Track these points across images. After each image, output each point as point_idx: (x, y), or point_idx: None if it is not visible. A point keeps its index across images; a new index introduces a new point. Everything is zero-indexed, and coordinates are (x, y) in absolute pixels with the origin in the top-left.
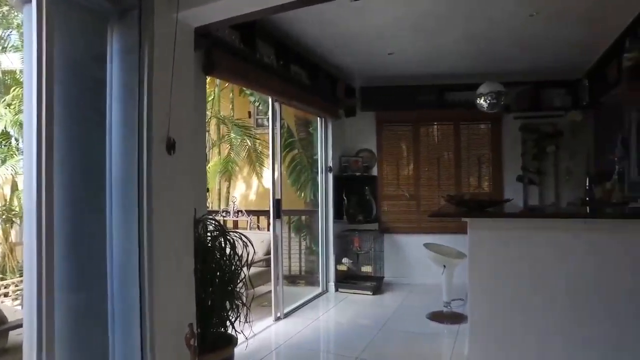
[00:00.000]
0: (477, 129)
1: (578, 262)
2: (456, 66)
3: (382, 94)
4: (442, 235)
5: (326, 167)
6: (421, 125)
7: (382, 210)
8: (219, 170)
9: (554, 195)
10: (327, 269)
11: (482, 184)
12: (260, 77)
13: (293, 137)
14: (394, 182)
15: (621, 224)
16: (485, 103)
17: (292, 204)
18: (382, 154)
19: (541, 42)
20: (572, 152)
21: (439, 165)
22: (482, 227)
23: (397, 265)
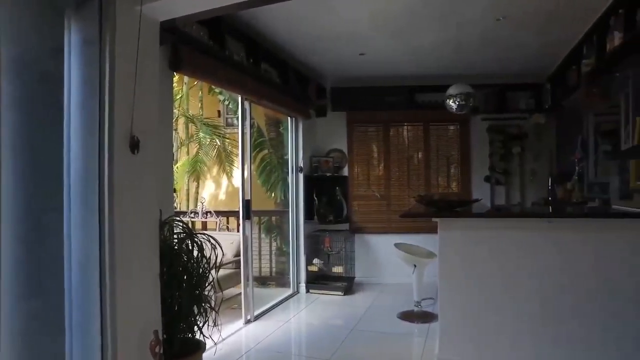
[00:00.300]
0: (446, 130)
1: (544, 261)
2: (426, 68)
3: (353, 95)
4: (413, 235)
5: (297, 167)
6: (391, 126)
7: (352, 210)
8: (187, 170)
9: (519, 195)
10: (298, 270)
11: (451, 184)
12: (229, 75)
13: (263, 137)
14: (365, 182)
15: (583, 223)
16: (455, 104)
17: (263, 204)
18: (353, 154)
19: (508, 46)
20: (536, 154)
21: (409, 165)
22: (452, 227)
23: (368, 265)
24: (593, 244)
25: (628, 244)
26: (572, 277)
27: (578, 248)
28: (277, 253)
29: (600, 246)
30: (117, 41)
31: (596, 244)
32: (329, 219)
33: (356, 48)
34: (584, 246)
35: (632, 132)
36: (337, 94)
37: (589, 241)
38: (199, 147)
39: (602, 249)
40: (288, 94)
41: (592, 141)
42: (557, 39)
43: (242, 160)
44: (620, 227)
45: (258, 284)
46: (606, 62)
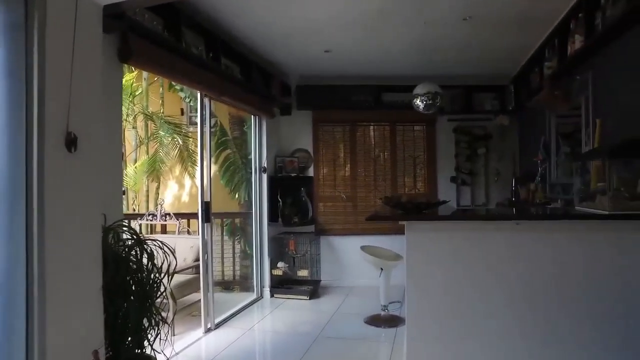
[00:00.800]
0: (412, 130)
1: (513, 263)
2: (393, 67)
3: (319, 93)
4: (379, 236)
5: (260, 168)
6: (358, 126)
7: (318, 211)
8: (146, 170)
9: (484, 195)
10: (262, 274)
11: (417, 184)
12: (187, 69)
13: (226, 136)
14: (331, 183)
15: (549, 225)
16: (422, 103)
17: (226, 205)
18: (319, 155)
19: (474, 46)
20: (500, 154)
21: (375, 166)
22: (420, 229)
23: (334, 268)
24: (558, 245)
25: (591, 244)
26: (542, 279)
27: (545, 249)
28: (241, 256)
29: (566, 247)
30: (49, 25)
31: (561, 245)
32: (293, 221)
33: (321, 45)
34: (550, 247)
35: (592, 134)
36: (302, 93)
37: (555, 242)
38: (159, 146)
39: (567, 250)
40: (251, 91)
41: (554, 143)
42: (522, 41)
43: (202, 159)
44: (584, 229)
45: (222, 288)
46: (567, 65)
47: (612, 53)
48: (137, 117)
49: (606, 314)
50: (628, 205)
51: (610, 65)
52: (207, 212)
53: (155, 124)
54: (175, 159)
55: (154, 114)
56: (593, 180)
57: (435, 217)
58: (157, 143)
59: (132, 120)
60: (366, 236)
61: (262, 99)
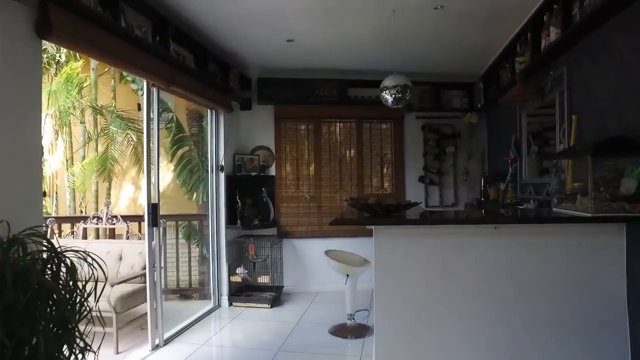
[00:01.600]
0: (380, 128)
1: (488, 270)
2: (360, 60)
3: (281, 87)
4: (345, 239)
5: (217, 166)
6: (323, 122)
7: (280, 213)
8: (95, 168)
9: (453, 195)
10: (220, 281)
11: (385, 184)
12: (127, 52)
13: (184, 132)
14: (294, 182)
15: (528, 228)
16: (390, 97)
17: (183, 206)
18: (281, 152)
19: (444, 38)
20: (469, 153)
21: (341, 164)
22: (389, 234)
23: (298, 273)
24: (538, 250)
25: (572, 248)
26: (520, 286)
27: (525, 254)
28: (199, 261)
29: (546, 252)
30: None
31: (541, 250)
32: (254, 223)
33: (283, 33)
34: (530, 252)
35: (567, 132)
36: (263, 86)
37: (535, 247)
38: (109, 143)
39: (547, 255)
40: (207, 83)
41: (525, 141)
42: (493, 35)
43: (148, 157)
44: (565, 232)
45: (178, 297)
46: (541, 59)
47: (589, 46)
48: (85, 111)
49: (589, 322)
50: (611, 207)
51: (587, 59)
52: (154, 215)
53: (105, 118)
54: (131, 157)
55: (104, 107)
56: (569, 180)
57: (407, 221)
58: (108, 139)
59: (80, 114)
60: (331, 239)
61: (220, 91)
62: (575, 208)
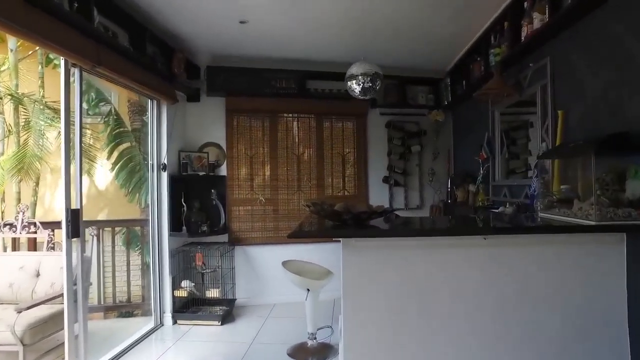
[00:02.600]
0: (341, 124)
1: (477, 287)
2: (320, 50)
3: (234, 77)
4: (304, 245)
5: (159, 165)
6: (279, 117)
7: (232, 218)
8: (14, 166)
9: (418, 197)
10: (162, 297)
11: (346, 185)
12: (38, 21)
13: (124, 127)
14: (247, 183)
15: (522, 239)
16: (358, 86)
17: (123, 210)
18: (233, 150)
19: (414, 28)
20: (434, 153)
21: (299, 164)
22: (361, 247)
23: (252, 284)
24: (531, 261)
25: (572, 261)
26: (510, 302)
27: (515, 266)
28: (142, 272)
29: (538, 264)
30: None
31: (535, 263)
32: (202, 229)
33: (235, 12)
34: (521, 264)
35: (551, 128)
36: (214, 75)
37: (527, 258)
38: (29, 137)
39: (540, 267)
40: (146, 67)
41: (499, 140)
42: (465, 23)
43: (67, 153)
44: (562, 242)
45: (115, 314)
46: (521, 50)
47: (580, 34)
48: (3, 100)
49: (588, 340)
50: (616, 214)
51: (576, 48)
52: (74, 224)
53: (25, 108)
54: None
55: (26, 96)
56: (555, 182)
57: (384, 232)
58: (29, 133)
59: None
60: (289, 246)
61: (162, 78)
62: (573, 214)
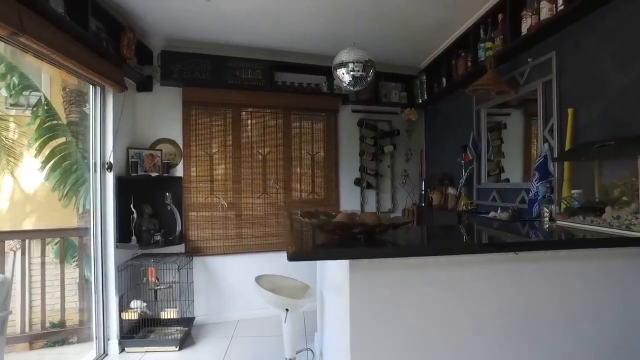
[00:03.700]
0: (311, 121)
1: (504, 305)
2: (292, 40)
3: (193, 64)
4: (272, 253)
5: (103, 164)
6: (244, 112)
7: (189, 225)
8: None
9: (390, 200)
10: (106, 320)
11: (316, 188)
12: None
13: (57, 119)
14: (207, 186)
15: (555, 254)
16: (348, 76)
17: (57, 216)
18: (191, 148)
19: (394, 16)
20: (407, 154)
21: (265, 164)
22: (373, 268)
23: (213, 299)
24: (559, 278)
25: (617, 280)
26: (537, 327)
27: (542, 284)
28: (80, 289)
29: (566, 281)
30: None
31: (562, 277)
32: (155, 239)
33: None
34: (549, 281)
35: (557, 127)
36: (169, 61)
37: (556, 275)
38: None
39: (567, 284)
40: (87, 45)
41: (485, 141)
42: (451, 13)
43: None
44: (603, 256)
45: (45, 343)
46: (522, 44)
47: (596, 25)
48: None
49: None
50: None
51: (592, 41)
52: None
53: None
54: None
55: None
56: (565, 187)
57: (408, 251)
58: None
59: None
60: (254, 255)
61: (107, 61)
62: (606, 224)
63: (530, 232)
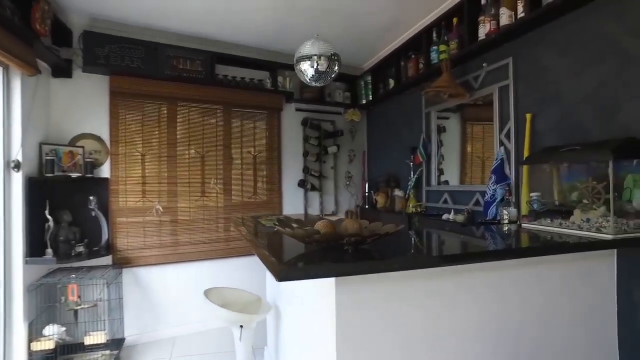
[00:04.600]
0: (253, 119)
1: (503, 314)
2: (235, 30)
3: (122, 49)
4: (212, 261)
5: (7, 162)
6: (182, 107)
7: (117, 233)
8: None
9: (334, 202)
10: (8, 355)
11: (259, 190)
12: None
13: None
14: (138, 188)
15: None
16: (312, 69)
17: None
18: (119, 145)
19: (342, 12)
20: (350, 155)
21: (204, 164)
22: (362, 282)
23: (145, 315)
24: (545, 283)
25: (568, 276)
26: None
27: (526, 288)
28: None
29: (541, 283)
30: None
31: (539, 280)
32: (77, 251)
33: None
34: (531, 285)
35: (514, 131)
36: (93, 44)
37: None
38: None
39: (553, 288)
40: None
41: (436, 143)
42: (403, 15)
43: None
44: (565, 259)
45: None
46: (480, 48)
47: (555, 34)
48: None
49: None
50: (629, 227)
51: (551, 49)
52: None
53: None
54: None
55: None
56: (524, 190)
57: (402, 263)
58: None
59: None
60: (191, 264)
61: (12, 34)
62: (576, 226)
63: (509, 238)
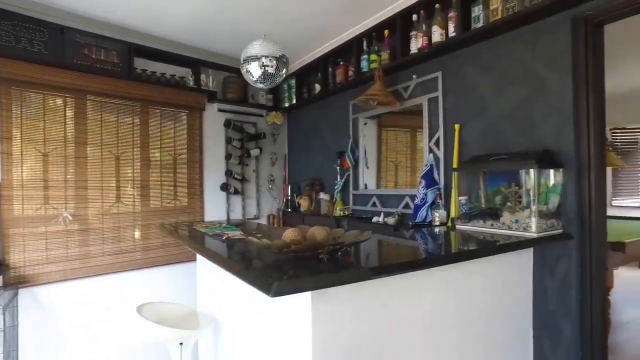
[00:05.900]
0: (173, 118)
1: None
2: (158, 21)
3: (20, 30)
4: (129, 272)
5: None
6: (93, 102)
7: (11, 246)
8: None
9: (256, 206)
10: None
11: (179, 194)
12: None
13: None
14: (39, 193)
15: None
16: (259, 70)
17: None
18: (13, 143)
19: (278, 16)
20: (272, 158)
21: (119, 166)
22: (336, 292)
23: (48, 345)
24: (490, 278)
25: (494, 272)
26: (468, 323)
27: (462, 285)
28: None
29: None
30: None
31: (471, 278)
32: None
33: None
34: (475, 283)
35: (443, 140)
36: None
37: (473, 276)
38: None
39: (479, 283)
40: None
41: (363, 148)
42: (340, 20)
43: None
44: (511, 257)
45: None
46: (410, 60)
47: (481, 54)
48: None
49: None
50: (548, 226)
51: (477, 68)
52: None
53: None
54: None
55: None
56: (454, 194)
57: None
58: None
59: None
60: (107, 276)
61: None
62: (506, 227)
63: (458, 240)
